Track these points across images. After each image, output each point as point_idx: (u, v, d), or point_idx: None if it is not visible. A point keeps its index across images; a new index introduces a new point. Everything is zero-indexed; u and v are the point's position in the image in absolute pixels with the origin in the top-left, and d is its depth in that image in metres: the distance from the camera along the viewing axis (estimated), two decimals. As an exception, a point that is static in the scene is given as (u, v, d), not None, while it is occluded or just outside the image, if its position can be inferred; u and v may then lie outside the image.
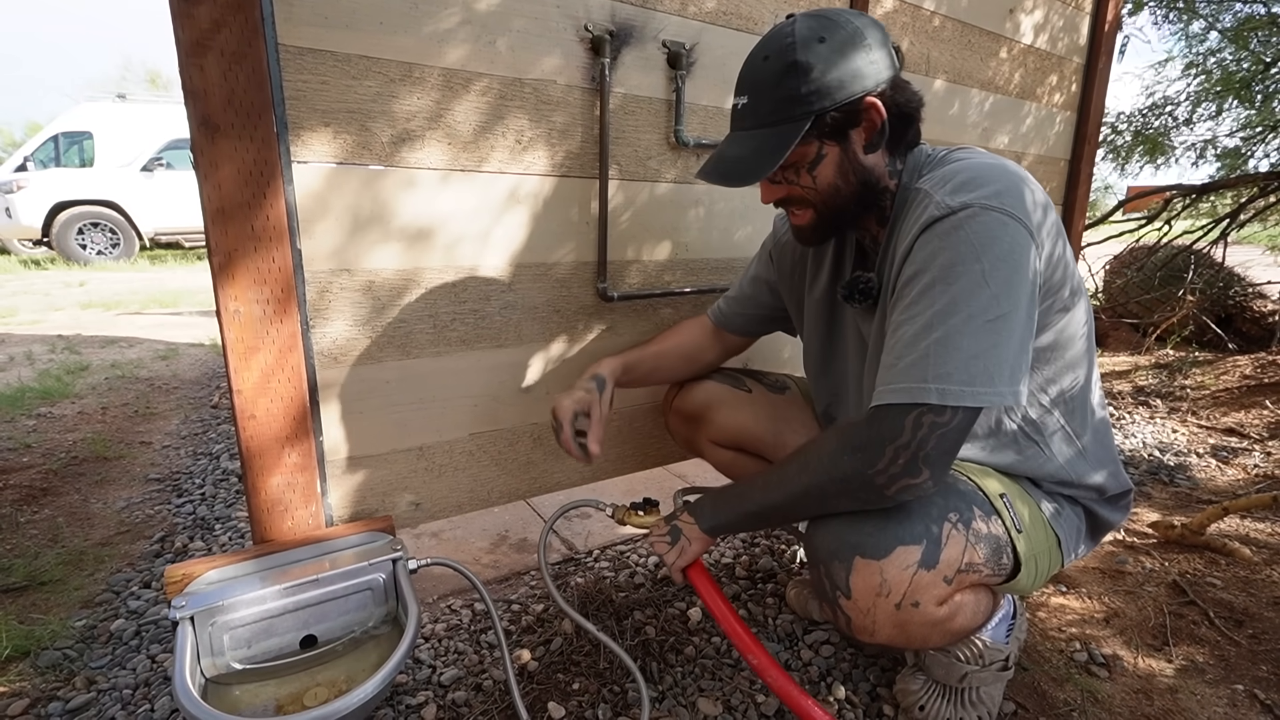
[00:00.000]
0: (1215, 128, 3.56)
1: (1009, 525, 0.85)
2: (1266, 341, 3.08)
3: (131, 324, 4.12)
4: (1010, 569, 0.86)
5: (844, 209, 0.84)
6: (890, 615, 0.78)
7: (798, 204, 0.86)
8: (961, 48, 1.67)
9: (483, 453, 1.15)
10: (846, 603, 0.79)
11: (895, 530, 0.77)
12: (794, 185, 0.83)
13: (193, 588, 0.85)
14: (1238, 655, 1.16)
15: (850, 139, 0.81)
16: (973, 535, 0.81)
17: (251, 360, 0.88)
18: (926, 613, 0.79)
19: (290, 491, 0.95)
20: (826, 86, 0.77)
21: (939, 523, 0.80)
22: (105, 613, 1.25)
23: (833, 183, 0.82)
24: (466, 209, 1.04)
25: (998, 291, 0.70)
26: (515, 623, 1.23)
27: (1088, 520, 0.97)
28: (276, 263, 0.88)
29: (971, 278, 0.70)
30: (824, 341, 1.06)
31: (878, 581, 0.77)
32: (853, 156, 0.82)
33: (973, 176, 0.75)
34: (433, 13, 0.95)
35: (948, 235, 0.72)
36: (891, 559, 0.77)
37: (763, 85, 0.79)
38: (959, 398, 0.69)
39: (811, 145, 0.80)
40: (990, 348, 0.70)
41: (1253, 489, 1.83)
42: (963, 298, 0.70)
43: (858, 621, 0.80)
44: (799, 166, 0.82)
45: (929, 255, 0.73)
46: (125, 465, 1.95)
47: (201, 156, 0.81)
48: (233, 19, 0.80)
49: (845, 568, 0.78)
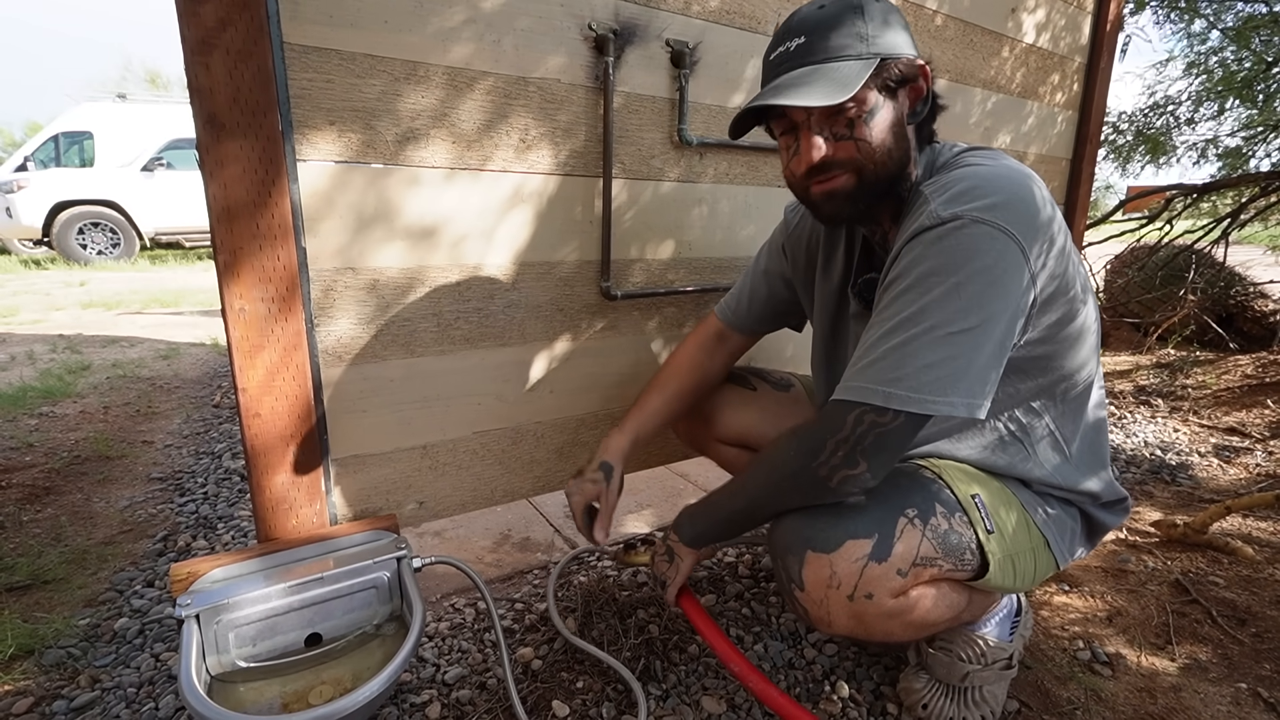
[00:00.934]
0: (1217, 127, 3.56)
1: (976, 524, 0.85)
2: (1268, 341, 3.08)
3: (132, 324, 4.12)
4: (976, 566, 0.86)
5: (883, 179, 0.79)
6: (844, 606, 0.80)
7: (841, 166, 0.78)
8: (964, 47, 1.67)
9: (486, 451, 1.15)
10: (800, 594, 0.81)
11: (846, 525, 0.79)
12: (845, 141, 0.76)
13: (198, 586, 0.85)
14: (1241, 654, 1.16)
15: (900, 100, 0.79)
16: (930, 531, 0.82)
17: (256, 358, 0.88)
18: (881, 604, 0.80)
19: (295, 490, 0.95)
20: (888, 36, 0.76)
21: (893, 518, 0.81)
22: (109, 611, 1.25)
23: (885, 142, 0.77)
24: (471, 207, 1.04)
25: (968, 305, 0.70)
26: (519, 621, 1.23)
27: (1083, 522, 0.96)
28: (281, 261, 0.88)
29: (945, 289, 0.71)
30: (828, 336, 1.05)
31: (828, 574, 0.79)
32: (901, 118, 0.79)
33: (973, 186, 0.74)
34: (438, 11, 0.95)
35: (932, 244, 0.72)
36: (841, 552, 0.78)
37: (824, 25, 0.75)
38: (903, 403, 0.71)
39: (871, 91, 0.75)
40: (948, 359, 0.71)
41: (1255, 488, 1.83)
42: (931, 307, 0.71)
43: (813, 613, 0.82)
44: (856, 118, 0.75)
45: (911, 262, 0.74)
46: (127, 464, 1.95)
47: (207, 155, 0.81)
48: (239, 17, 0.80)
49: (798, 560, 0.80)
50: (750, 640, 1.18)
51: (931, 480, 0.87)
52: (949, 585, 0.88)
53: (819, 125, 0.77)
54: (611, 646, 1.14)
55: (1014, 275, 0.72)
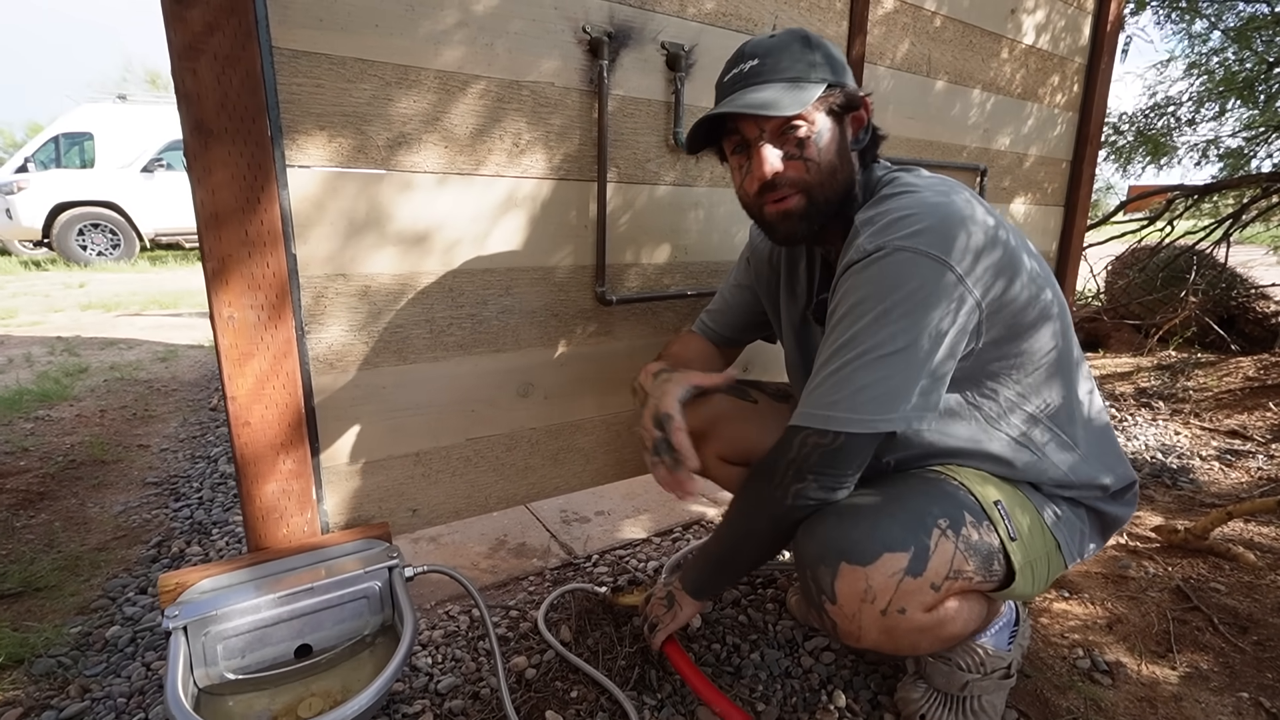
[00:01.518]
0: (1218, 128, 3.54)
1: (1002, 533, 0.85)
2: (1269, 343, 3.06)
3: (131, 325, 4.12)
4: (1003, 576, 0.86)
5: (832, 198, 0.84)
6: (876, 621, 0.78)
7: (792, 184, 0.83)
8: (963, 48, 1.66)
9: (480, 458, 1.14)
10: (832, 608, 0.80)
11: (882, 536, 0.78)
12: (795, 160, 0.81)
13: (186, 597, 0.84)
14: (1242, 662, 1.15)
15: (845, 125, 0.85)
16: (962, 542, 0.81)
17: (246, 366, 0.87)
18: (913, 619, 0.79)
19: (285, 499, 0.94)
20: (834, 66, 0.83)
21: (928, 529, 0.80)
22: (101, 619, 1.24)
23: (832, 163, 0.83)
24: (463, 213, 1.03)
25: (896, 329, 0.75)
26: (513, 629, 1.22)
27: (1092, 520, 0.96)
28: (271, 268, 0.87)
29: (873, 315, 0.76)
30: (797, 353, 1.07)
31: (863, 587, 0.77)
32: (845, 143, 0.85)
33: (900, 217, 0.78)
34: (429, 14, 0.94)
35: (860, 274, 0.77)
36: (878, 565, 0.77)
37: (776, 50, 0.81)
38: (841, 424, 0.76)
39: (820, 112, 0.81)
40: (880, 379, 0.75)
41: (1256, 492, 1.82)
42: (862, 334, 0.76)
43: (843, 626, 0.80)
44: (806, 138, 0.81)
45: (845, 293, 0.79)
46: (123, 469, 1.94)
47: (195, 161, 0.80)
48: (226, 22, 0.79)
49: (831, 572, 0.78)
50: (747, 649, 1.17)
51: (957, 487, 0.87)
52: (975, 596, 0.88)
53: (771, 141, 0.81)
54: (606, 655, 1.13)
55: (942, 294, 0.75)
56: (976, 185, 1.79)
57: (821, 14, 1.37)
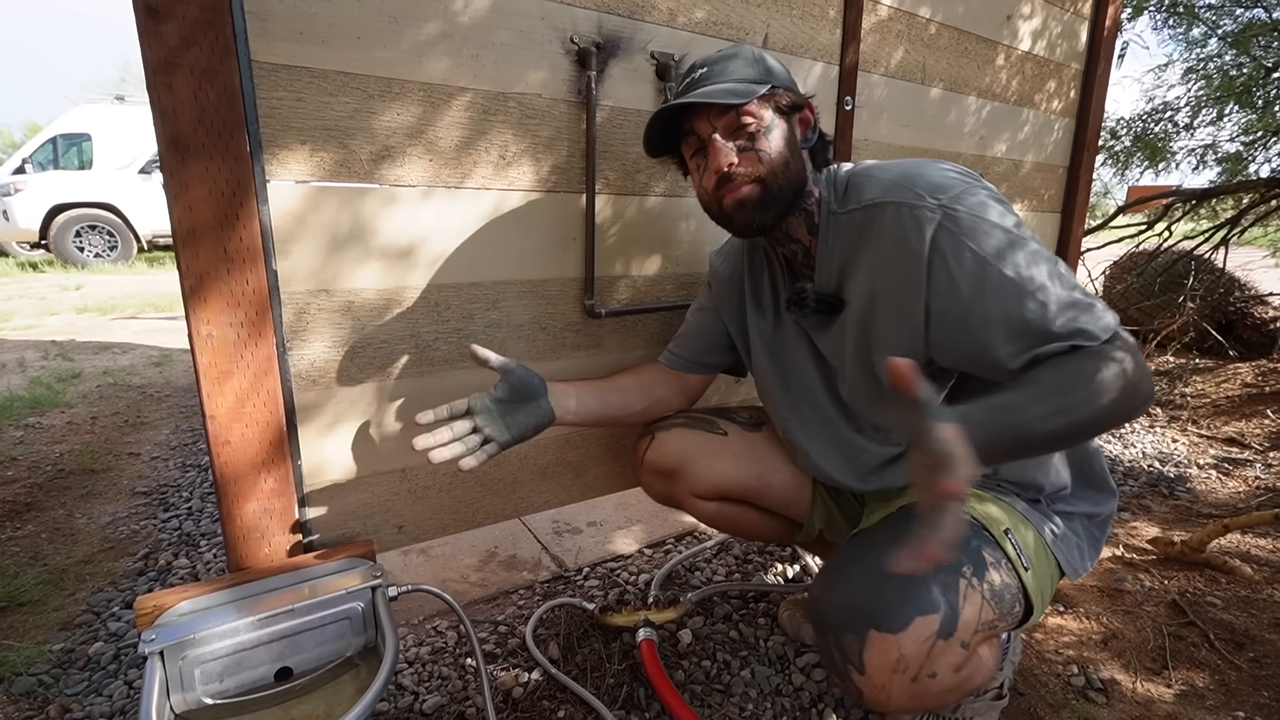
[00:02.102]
0: (1216, 133, 3.53)
1: (1016, 564, 0.82)
2: (1268, 349, 3.05)
3: (126, 329, 4.11)
4: (1021, 613, 0.83)
5: (785, 190, 0.86)
6: (906, 688, 0.74)
7: (745, 175, 0.85)
8: (958, 55, 1.65)
9: (467, 474, 1.12)
10: (859, 678, 0.75)
11: (913, 599, 0.73)
12: (748, 152, 0.84)
13: (164, 619, 0.83)
14: (1239, 680, 1.14)
15: (793, 123, 0.88)
16: (987, 589, 0.78)
17: (225, 385, 0.86)
18: (943, 681, 0.75)
19: (267, 518, 0.93)
20: (779, 75, 0.88)
21: (954, 583, 0.76)
22: (84, 635, 1.23)
23: (783, 154, 0.85)
24: (449, 226, 1.02)
25: (1031, 235, 0.77)
26: (501, 645, 1.21)
27: (1085, 529, 0.94)
28: (251, 285, 0.85)
29: (1022, 240, 0.76)
30: (773, 359, 1.04)
31: (895, 657, 0.73)
32: (794, 139, 0.88)
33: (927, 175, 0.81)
34: (412, 26, 0.93)
35: (962, 222, 0.77)
36: (909, 632, 0.72)
37: (723, 59, 0.87)
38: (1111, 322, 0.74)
39: (767, 110, 0.85)
40: (1065, 273, 0.76)
41: (1254, 501, 1.81)
42: (1036, 254, 0.75)
43: (870, 696, 0.76)
44: (757, 131, 0.84)
45: (968, 250, 0.76)
46: (112, 478, 1.92)
47: (171, 178, 0.78)
48: (203, 36, 0.77)
49: (858, 640, 0.74)
50: (737, 665, 1.16)
51: (969, 521, 0.83)
52: (995, 639, 0.84)
53: (724, 136, 0.85)
54: (595, 673, 1.12)
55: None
56: (972, 193, 1.77)
57: (814, 22, 1.35)
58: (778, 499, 1.11)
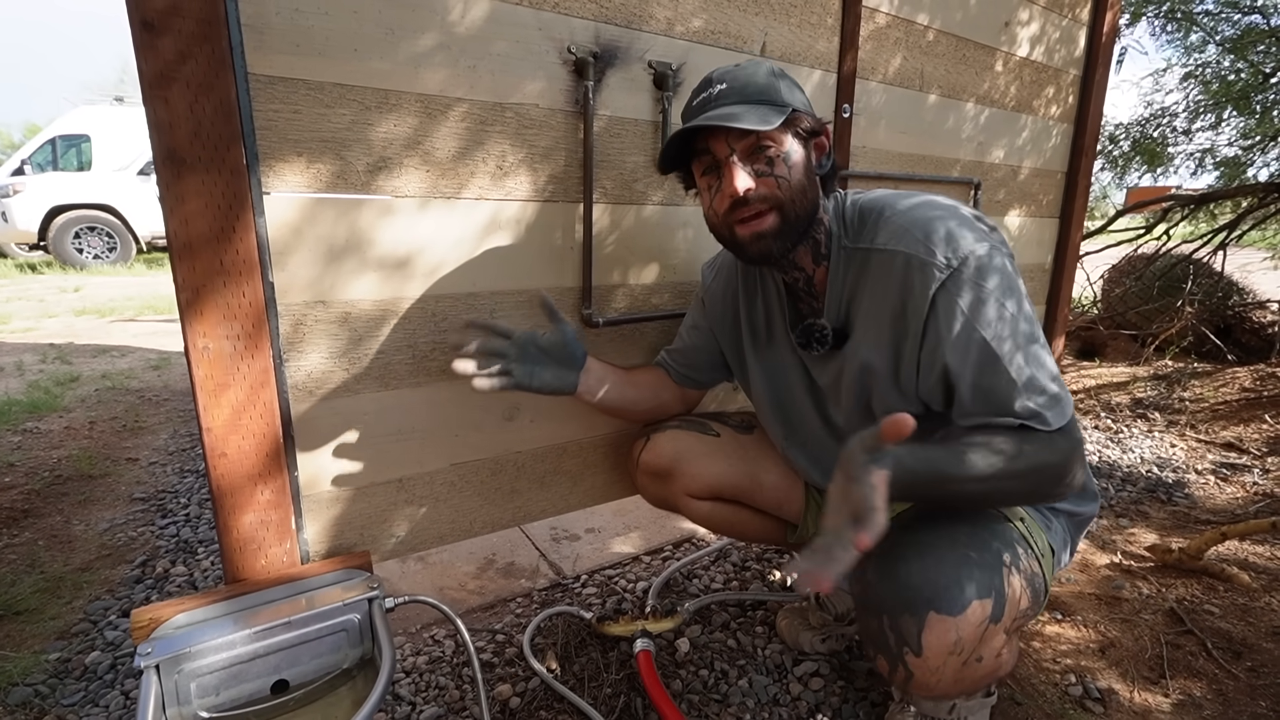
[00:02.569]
0: (1214, 137, 3.53)
1: (1038, 552, 0.85)
2: (1266, 353, 3.05)
3: (125, 331, 4.10)
4: (1042, 601, 0.86)
5: (801, 219, 0.84)
6: (956, 671, 0.76)
7: (764, 202, 0.82)
8: (956, 61, 1.65)
9: (465, 483, 1.12)
10: (915, 660, 0.75)
11: (969, 583, 0.74)
12: (766, 177, 0.82)
13: (160, 632, 0.82)
14: (1236, 690, 1.14)
15: (810, 149, 0.86)
16: (1023, 577, 0.80)
17: (222, 397, 0.86)
18: (986, 665, 0.78)
19: (263, 529, 0.93)
20: (798, 98, 0.85)
21: (1001, 571, 0.77)
22: (81, 644, 1.22)
23: (801, 180, 0.83)
24: (446, 237, 1.02)
25: (1029, 314, 0.79)
26: (499, 654, 1.21)
27: (1069, 525, 0.95)
28: (247, 297, 0.85)
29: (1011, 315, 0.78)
30: (769, 380, 1.04)
31: (953, 639, 0.73)
32: (811, 166, 0.86)
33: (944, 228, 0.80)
34: (409, 37, 0.93)
35: (963, 288, 0.78)
36: (968, 615, 0.74)
37: (743, 76, 0.83)
38: (1071, 407, 0.78)
39: (787, 134, 0.83)
40: (1046, 361, 0.78)
41: (1251, 507, 1.81)
42: (1019, 332, 0.77)
43: (921, 678, 0.76)
44: (775, 156, 0.82)
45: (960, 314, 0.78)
46: (110, 484, 1.92)
47: (167, 191, 0.78)
48: (199, 50, 0.77)
49: (917, 623, 0.74)
50: (735, 675, 1.16)
51: (995, 515, 0.85)
52: (1024, 627, 0.89)
53: (742, 160, 0.81)
54: (592, 683, 1.12)
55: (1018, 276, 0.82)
56: (971, 199, 1.78)
57: (812, 30, 1.35)
58: (770, 499, 1.13)
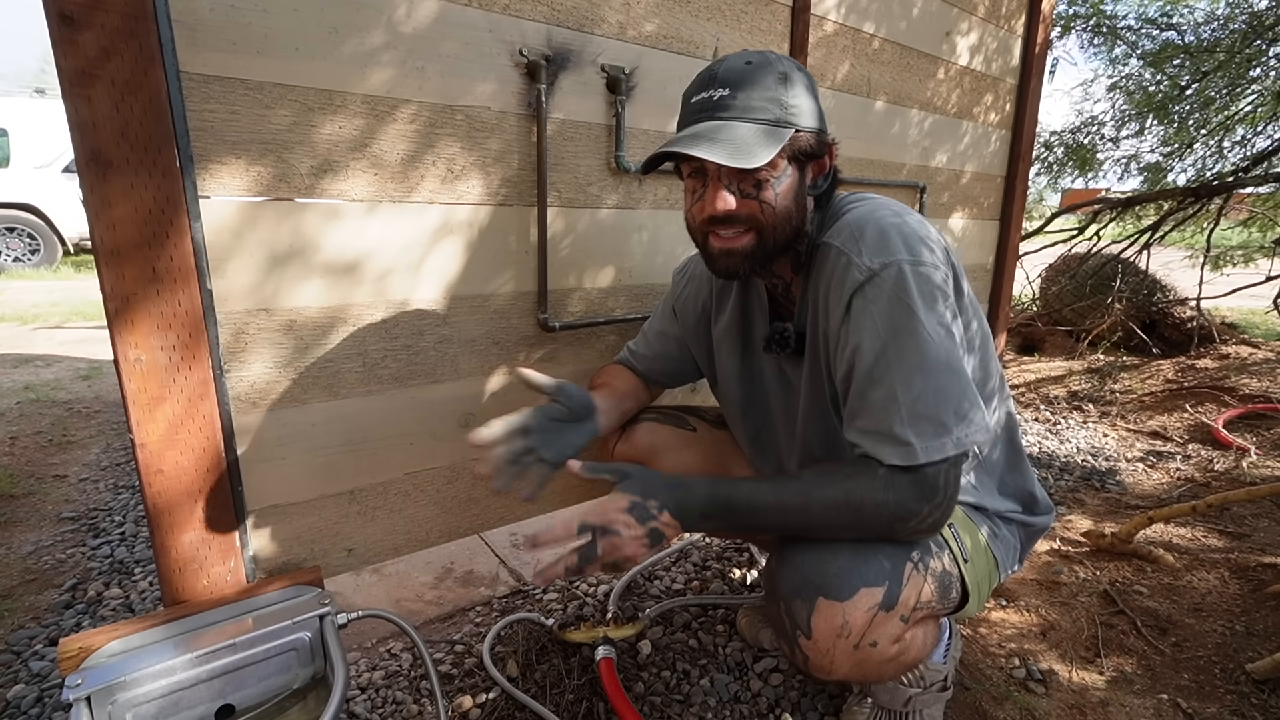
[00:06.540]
0: (1138, 144, 3.77)
1: (957, 556, 0.88)
2: (1186, 346, 3.26)
3: (50, 340, 3.85)
4: (958, 601, 0.89)
5: (781, 241, 0.82)
6: (848, 655, 0.79)
7: (744, 223, 0.80)
8: (901, 70, 1.70)
9: (420, 492, 1.10)
10: (805, 642, 0.79)
11: (860, 571, 0.78)
12: (750, 199, 0.79)
13: (91, 662, 0.78)
14: (1162, 664, 1.21)
15: (806, 171, 0.83)
16: (930, 574, 0.83)
17: (156, 411, 0.82)
18: (883, 651, 0.81)
19: (205, 548, 0.89)
20: (805, 110, 0.80)
21: (900, 563, 0.81)
22: (3, 677, 1.14)
23: (787, 207, 0.81)
24: (396, 241, 0.99)
25: (939, 337, 0.75)
26: (458, 665, 1.18)
27: (1022, 534, 1.00)
28: (183, 305, 0.81)
29: (917, 332, 0.74)
30: (742, 385, 1.05)
31: (839, 623, 0.77)
32: (802, 189, 0.83)
33: (880, 231, 0.78)
34: (354, 37, 0.90)
35: (880, 295, 0.76)
36: (854, 601, 0.77)
37: (748, 82, 0.77)
38: (967, 441, 0.74)
39: (782, 159, 0.79)
40: (965, 388, 0.75)
41: (1175, 492, 1.93)
42: (920, 352, 0.74)
43: (815, 660, 0.80)
44: (765, 180, 0.79)
45: (868, 320, 0.77)
46: (35, 503, 1.80)
47: (92, 194, 0.74)
48: (124, 46, 0.73)
49: (807, 607, 0.78)
50: (696, 674, 1.17)
51: None
52: (932, 621, 0.91)
53: (729, 179, 0.79)
54: (554, 690, 1.11)
55: (946, 288, 0.78)
56: (916, 202, 1.84)
57: (762, 36, 1.38)
58: None
